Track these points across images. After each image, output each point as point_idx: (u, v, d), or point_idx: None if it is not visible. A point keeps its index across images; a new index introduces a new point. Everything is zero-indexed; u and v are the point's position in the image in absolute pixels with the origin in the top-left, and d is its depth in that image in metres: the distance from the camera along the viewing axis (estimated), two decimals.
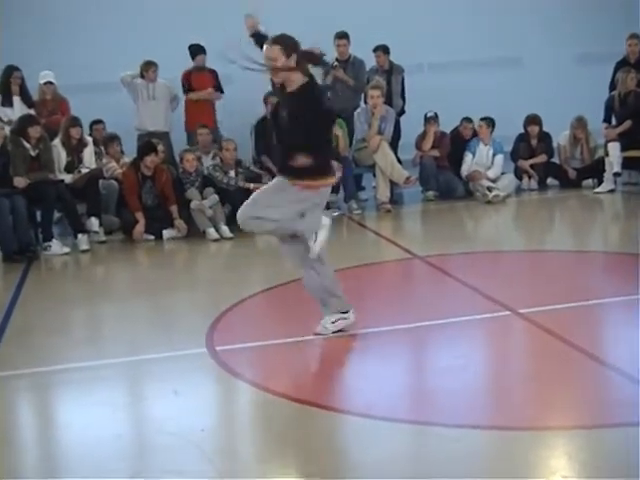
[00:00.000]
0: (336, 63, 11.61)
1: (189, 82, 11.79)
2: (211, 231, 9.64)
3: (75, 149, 10.14)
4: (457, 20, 14.29)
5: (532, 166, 11.94)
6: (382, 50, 11.82)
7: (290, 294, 6.99)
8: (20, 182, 9.31)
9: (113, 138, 10.86)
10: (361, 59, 11.80)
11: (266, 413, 4.83)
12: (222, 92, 11.84)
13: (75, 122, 10.17)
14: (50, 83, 10.98)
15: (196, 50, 11.76)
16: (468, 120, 11.81)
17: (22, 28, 12.84)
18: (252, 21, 6.05)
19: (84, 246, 9.44)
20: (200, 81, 11.78)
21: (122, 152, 10.87)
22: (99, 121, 11.36)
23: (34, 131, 9.61)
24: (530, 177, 11.93)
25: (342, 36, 11.68)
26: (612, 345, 5.66)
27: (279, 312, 6.67)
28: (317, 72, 5.92)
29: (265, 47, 5.62)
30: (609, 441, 4.17)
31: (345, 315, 5.93)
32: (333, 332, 5.87)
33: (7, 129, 9.63)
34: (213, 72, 11.81)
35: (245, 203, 5.73)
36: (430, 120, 11.58)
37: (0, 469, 4.24)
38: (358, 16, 13.09)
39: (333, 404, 4.86)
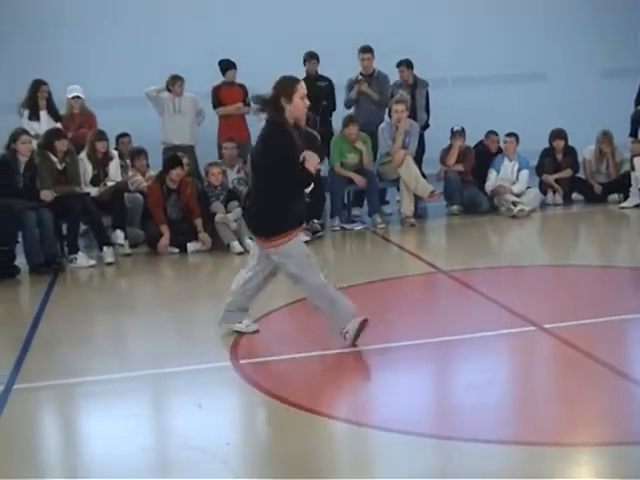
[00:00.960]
0: (360, 77, 11.63)
1: (218, 97, 11.83)
2: (235, 244, 9.66)
3: (101, 162, 10.20)
4: (482, 34, 14.27)
5: (557, 181, 11.88)
6: (405, 65, 11.82)
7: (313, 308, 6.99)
8: (47, 195, 9.37)
9: (140, 152, 10.93)
10: (385, 73, 11.81)
11: (290, 427, 4.83)
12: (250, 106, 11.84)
13: (101, 136, 10.24)
14: (78, 97, 11.07)
15: (226, 65, 11.79)
16: (494, 133, 11.78)
17: (49, 42, 12.96)
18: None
19: (109, 259, 9.48)
20: (229, 96, 11.82)
21: (148, 166, 10.94)
22: (125, 134, 11.43)
23: (61, 145, 9.68)
24: (555, 192, 11.87)
25: (366, 50, 11.69)
26: (638, 361, 5.62)
27: (302, 326, 6.67)
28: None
29: None
30: (636, 458, 4.14)
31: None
32: None
33: (34, 143, 9.69)
34: (243, 87, 11.84)
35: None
36: (456, 134, 11.55)
37: None
38: (382, 30, 13.11)
39: (358, 418, 4.85)
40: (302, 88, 5.85)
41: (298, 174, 5.88)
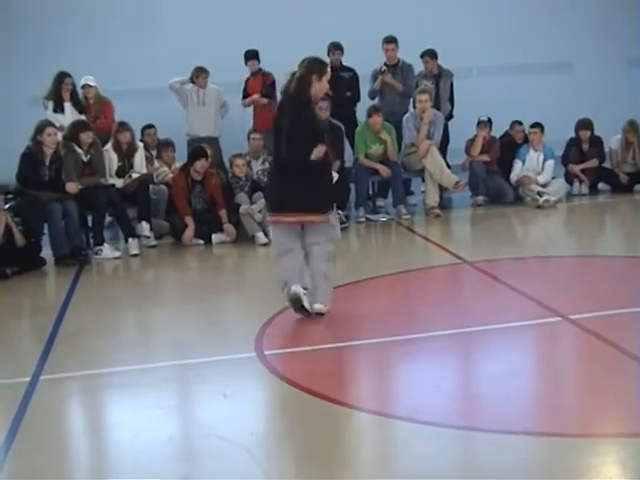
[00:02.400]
0: (384, 68, 11.59)
1: (246, 88, 11.85)
2: (260, 235, 9.67)
3: (126, 154, 10.23)
4: (507, 24, 14.17)
5: (583, 171, 11.82)
6: (429, 55, 11.74)
7: (338, 299, 6.98)
8: (72, 188, 9.41)
9: (167, 144, 10.95)
10: (410, 64, 11.75)
11: (314, 417, 4.83)
12: (271, 97, 11.75)
13: (122, 127, 10.25)
14: (89, 86, 11.01)
15: (248, 55, 11.80)
16: (519, 123, 11.71)
17: (73, 35, 13.01)
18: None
19: (134, 250, 9.52)
20: (253, 86, 11.84)
21: (173, 158, 10.96)
22: (150, 126, 11.43)
23: (86, 136, 9.72)
24: (581, 182, 11.80)
25: (390, 40, 11.65)
26: None
27: (328, 316, 6.66)
28: None
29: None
30: None
31: None
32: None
33: (59, 135, 9.73)
34: (267, 76, 11.81)
35: None
36: (481, 124, 11.48)
37: (53, 472, 4.29)
38: (407, 20, 13.08)
39: (382, 409, 4.85)
40: (329, 72, 6.45)
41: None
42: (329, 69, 6.45)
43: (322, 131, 6.52)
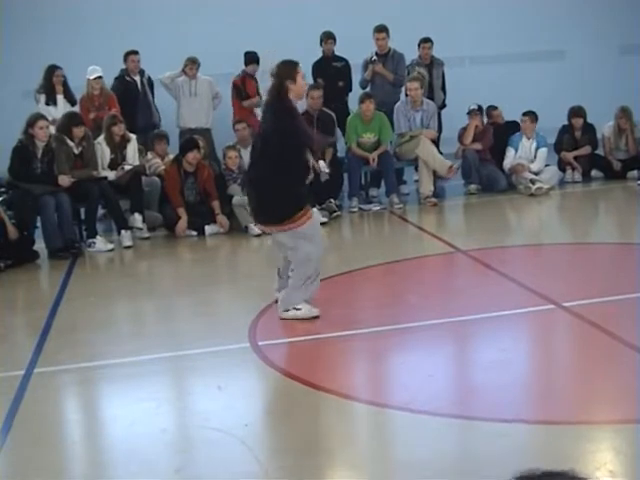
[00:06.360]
0: (375, 57, 11.56)
1: (245, 89, 11.77)
2: (253, 226, 9.65)
3: (119, 146, 10.19)
4: (499, 13, 14.15)
5: (576, 158, 11.81)
6: (431, 42, 11.78)
7: (332, 289, 6.98)
8: (64, 181, 9.37)
9: (162, 136, 10.92)
10: (401, 53, 11.71)
11: (309, 407, 4.84)
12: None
13: (116, 120, 10.21)
14: (100, 78, 11.02)
15: (248, 58, 11.71)
16: (493, 107, 11.72)
17: (66, 27, 12.96)
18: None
19: (127, 242, 9.50)
20: (250, 87, 11.77)
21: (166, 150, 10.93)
22: (135, 52, 11.50)
23: (78, 130, 9.68)
24: (574, 169, 11.80)
25: (381, 29, 11.59)
26: None
27: (321, 307, 6.66)
28: None
29: None
30: None
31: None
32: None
33: (52, 128, 9.69)
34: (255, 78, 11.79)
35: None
36: (471, 113, 11.47)
37: (48, 464, 4.29)
38: (399, 9, 13.05)
39: (377, 399, 4.86)
40: (301, 68, 6.32)
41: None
42: (300, 67, 6.24)
43: (303, 139, 6.28)
